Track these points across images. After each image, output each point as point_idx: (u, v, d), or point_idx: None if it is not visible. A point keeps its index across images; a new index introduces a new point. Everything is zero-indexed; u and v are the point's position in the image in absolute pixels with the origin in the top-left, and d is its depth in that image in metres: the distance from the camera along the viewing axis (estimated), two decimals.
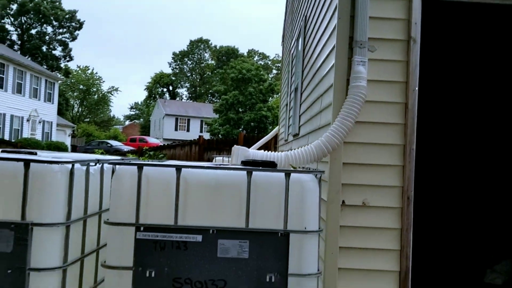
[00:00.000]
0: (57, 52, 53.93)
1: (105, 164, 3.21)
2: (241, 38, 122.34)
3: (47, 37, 52.77)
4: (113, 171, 2.58)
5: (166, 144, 23.49)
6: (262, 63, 65.22)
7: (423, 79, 3.76)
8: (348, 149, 3.46)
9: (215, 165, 2.77)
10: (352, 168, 3.46)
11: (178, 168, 2.49)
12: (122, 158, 3.69)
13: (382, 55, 3.49)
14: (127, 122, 75.82)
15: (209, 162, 3.92)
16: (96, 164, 3.08)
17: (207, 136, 37.82)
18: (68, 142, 37.69)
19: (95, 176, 3.05)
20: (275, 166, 2.66)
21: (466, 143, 7.06)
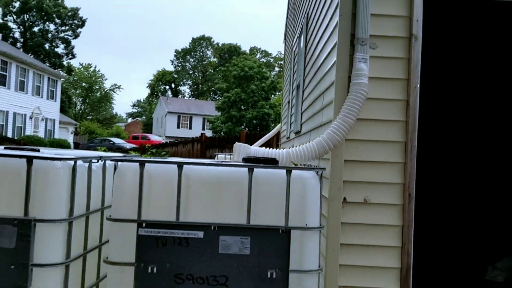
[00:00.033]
0: (60, 50, 54.16)
1: (107, 161, 3.22)
2: (243, 36, 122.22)
3: (49, 35, 52.90)
4: (115, 168, 2.59)
5: (168, 142, 23.53)
6: (264, 61, 65.17)
7: (425, 76, 3.75)
8: (350, 146, 3.46)
9: (216, 162, 2.78)
10: (353, 165, 3.47)
11: (180, 165, 2.49)
12: (124, 155, 3.70)
13: (383, 52, 3.49)
14: (129, 120, 75.92)
15: (211, 160, 3.93)
16: (98, 161, 3.09)
17: (209, 134, 37.81)
18: (70, 139, 37.77)
19: (97, 173, 3.06)
20: (277, 163, 2.67)
21: (468, 140, 7.05)
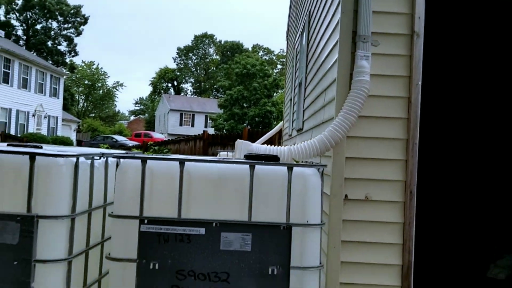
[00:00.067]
0: (62, 47, 54.23)
1: (110, 158, 3.23)
2: (246, 34, 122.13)
3: (52, 32, 52.96)
4: (117, 165, 2.61)
5: (170, 139, 23.55)
6: (267, 58, 65.11)
7: (427, 74, 3.75)
8: (351, 144, 3.46)
9: (218, 159, 2.79)
10: (355, 162, 3.47)
11: (182, 162, 2.50)
12: (126, 152, 3.71)
13: (385, 49, 3.49)
14: (132, 117, 76.04)
15: (213, 157, 3.94)
16: (100, 158, 3.11)
17: (212, 132, 37.82)
18: (73, 137, 37.86)
19: (99, 169, 3.08)
20: (278, 160, 2.68)
21: (469, 137, 7.04)
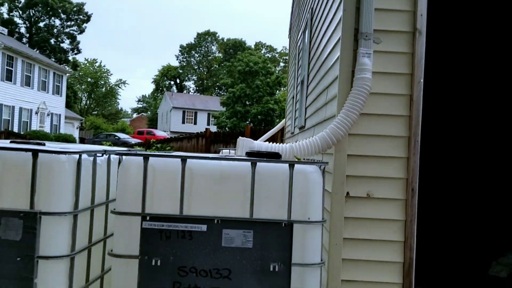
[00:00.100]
0: (65, 45, 54.32)
1: (112, 155, 3.25)
2: (248, 31, 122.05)
3: (55, 30, 53.04)
4: (119, 162, 2.62)
5: (173, 137, 23.56)
6: (270, 56, 65.06)
7: (429, 71, 3.75)
8: (353, 141, 3.47)
9: (220, 156, 2.80)
10: (356, 159, 3.47)
11: (183, 159, 2.52)
12: (129, 149, 3.73)
13: (387, 47, 3.49)
14: (134, 115, 76.16)
15: (215, 154, 3.95)
16: (103, 155, 3.12)
17: (214, 129, 37.87)
18: (76, 134, 37.94)
19: (102, 166, 3.09)
20: (280, 157, 2.69)
21: (472, 135, 7.03)
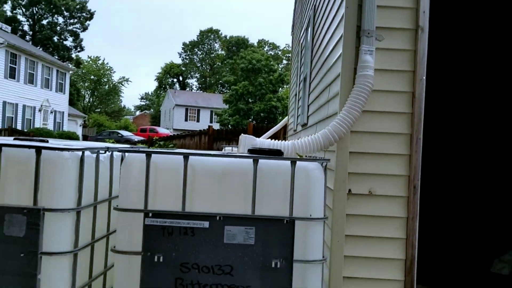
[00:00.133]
0: (68, 43, 54.39)
1: (115, 152, 3.26)
2: (251, 29, 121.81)
3: (58, 28, 53.11)
4: (122, 159, 2.63)
5: (176, 134, 23.61)
6: (272, 53, 64.96)
7: (431, 68, 3.75)
8: (355, 138, 3.47)
9: (222, 153, 2.81)
10: (358, 157, 3.48)
11: (186, 156, 2.53)
12: (131, 146, 3.74)
13: (389, 44, 3.49)
14: (137, 113, 76.16)
15: (217, 151, 3.95)
16: (106, 152, 3.14)
17: (217, 127, 37.86)
18: (79, 132, 38.01)
19: (105, 163, 3.11)
20: (281, 155, 2.69)
21: (474, 132, 7.01)
